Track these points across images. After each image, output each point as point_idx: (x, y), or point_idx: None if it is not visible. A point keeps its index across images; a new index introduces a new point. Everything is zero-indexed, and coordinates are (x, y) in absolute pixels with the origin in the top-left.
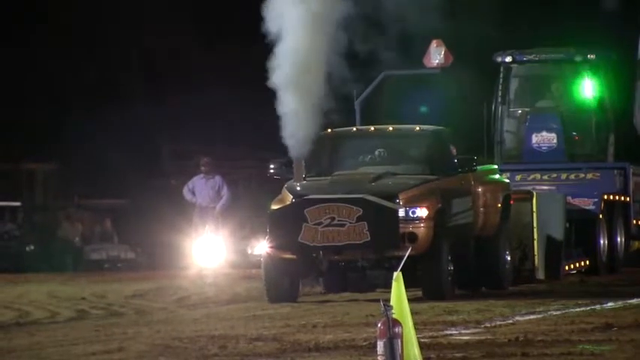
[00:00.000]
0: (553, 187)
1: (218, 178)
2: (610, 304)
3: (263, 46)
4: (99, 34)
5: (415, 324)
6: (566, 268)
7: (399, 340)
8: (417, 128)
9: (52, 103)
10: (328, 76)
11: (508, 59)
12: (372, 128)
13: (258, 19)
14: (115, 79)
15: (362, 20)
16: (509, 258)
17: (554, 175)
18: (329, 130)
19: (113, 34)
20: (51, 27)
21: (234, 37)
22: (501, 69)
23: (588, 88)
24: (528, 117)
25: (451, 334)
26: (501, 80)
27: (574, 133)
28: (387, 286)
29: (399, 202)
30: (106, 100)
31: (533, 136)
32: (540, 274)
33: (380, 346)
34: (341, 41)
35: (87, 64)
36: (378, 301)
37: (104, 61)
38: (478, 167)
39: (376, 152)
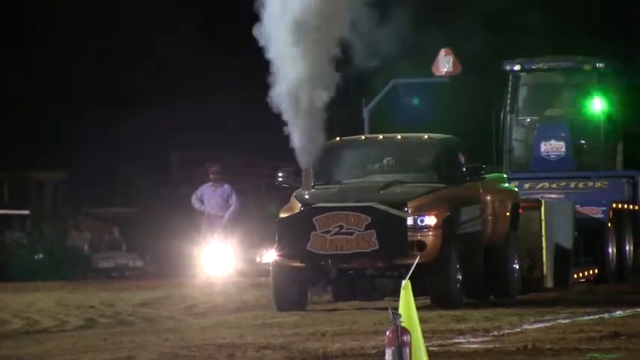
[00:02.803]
0: (562, 196)
1: (227, 187)
2: (619, 313)
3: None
4: (109, 42)
5: (424, 332)
6: (575, 276)
7: (408, 349)
8: (426, 137)
9: (62, 112)
10: (335, 83)
11: (517, 68)
12: (381, 136)
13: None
14: (125, 87)
15: (370, 27)
16: (517, 266)
17: (563, 184)
18: (337, 139)
19: (123, 41)
20: (58, 34)
21: (245, 44)
22: (510, 77)
23: (597, 97)
24: (537, 125)
25: (459, 343)
26: (510, 89)
27: (583, 142)
28: (396, 294)
29: (407, 211)
30: (115, 108)
31: (542, 144)
32: (549, 283)
33: (388, 354)
34: (345, 48)
35: (97, 72)
36: (386, 309)
37: (114, 69)
38: (487, 176)
39: (384, 161)
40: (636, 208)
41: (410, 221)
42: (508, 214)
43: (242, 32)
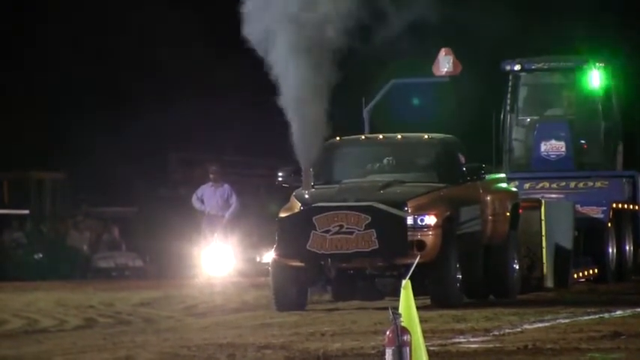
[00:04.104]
0: (562, 196)
1: (227, 187)
2: (619, 313)
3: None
4: (109, 42)
5: (424, 332)
6: (575, 276)
7: (408, 349)
8: (426, 136)
9: (62, 112)
10: (334, 85)
11: (517, 67)
12: (381, 136)
13: None
14: (125, 88)
15: (368, 27)
16: (517, 266)
17: (563, 184)
18: (337, 139)
19: (123, 42)
20: (60, 36)
21: (244, 45)
22: (510, 77)
23: (597, 96)
24: (537, 125)
25: (459, 342)
26: (510, 88)
27: (583, 142)
28: (396, 293)
29: (407, 210)
30: (115, 108)
31: (542, 144)
32: (549, 283)
33: (388, 354)
34: (345, 48)
35: (97, 72)
36: (386, 309)
37: (114, 70)
38: (487, 175)
39: (385, 160)
40: (636, 208)
41: (410, 221)
42: (508, 213)
43: (242, 33)
